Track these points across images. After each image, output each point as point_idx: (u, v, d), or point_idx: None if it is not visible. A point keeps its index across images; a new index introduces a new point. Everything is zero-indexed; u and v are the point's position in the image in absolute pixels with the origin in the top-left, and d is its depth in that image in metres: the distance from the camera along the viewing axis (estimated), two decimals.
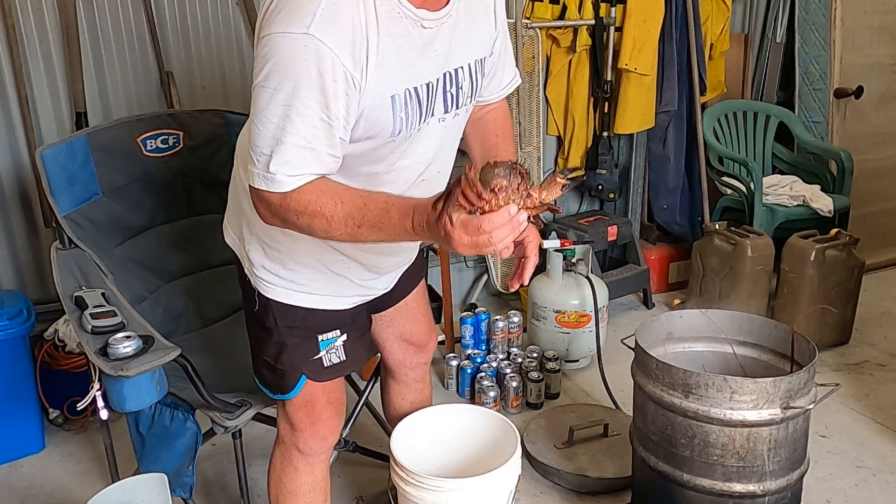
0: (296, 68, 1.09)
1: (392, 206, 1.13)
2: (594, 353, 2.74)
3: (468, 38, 1.31)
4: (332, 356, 1.50)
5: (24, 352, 2.30)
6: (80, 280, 1.68)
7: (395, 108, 1.21)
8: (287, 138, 1.12)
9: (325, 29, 1.09)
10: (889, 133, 3.82)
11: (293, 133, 1.12)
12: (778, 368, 1.87)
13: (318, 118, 1.12)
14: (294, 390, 1.50)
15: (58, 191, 1.77)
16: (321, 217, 1.15)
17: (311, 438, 1.55)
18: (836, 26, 3.58)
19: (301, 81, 1.10)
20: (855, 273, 2.92)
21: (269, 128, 1.13)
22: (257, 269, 1.45)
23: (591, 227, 3.24)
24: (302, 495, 1.59)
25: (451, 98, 1.31)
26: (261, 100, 1.13)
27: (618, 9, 3.21)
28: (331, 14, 1.09)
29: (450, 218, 1.04)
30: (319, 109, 1.12)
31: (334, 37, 1.10)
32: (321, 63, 1.09)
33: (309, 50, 1.09)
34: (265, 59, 1.11)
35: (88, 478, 2.26)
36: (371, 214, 1.14)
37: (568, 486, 2.18)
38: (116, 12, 2.54)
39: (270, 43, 1.11)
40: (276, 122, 1.12)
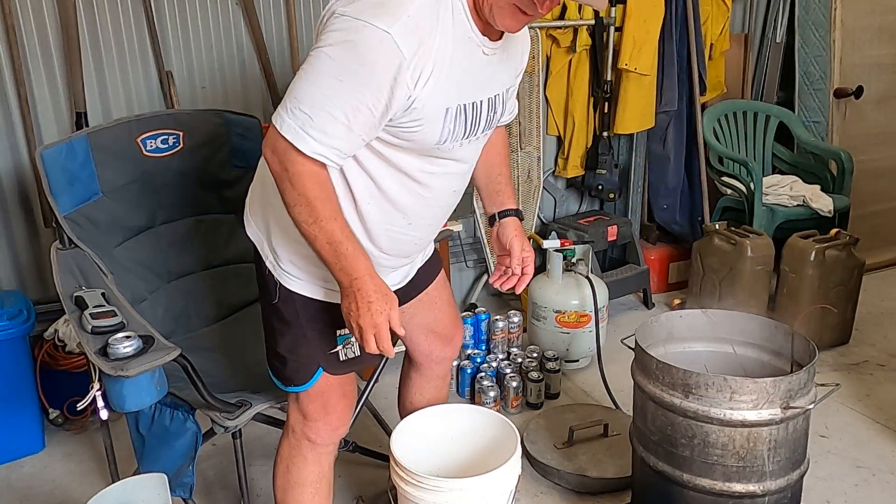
0: (367, 56, 1.18)
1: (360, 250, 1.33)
2: (594, 353, 2.74)
3: (506, 69, 1.45)
4: (347, 351, 1.54)
5: (24, 352, 2.30)
6: (80, 280, 1.68)
7: (447, 120, 1.32)
8: (333, 110, 1.21)
9: (405, 35, 1.18)
10: (889, 133, 3.82)
11: (339, 108, 1.21)
12: (778, 368, 1.87)
13: (365, 105, 1.21)
14: (310, 382, 1.53)
15: (58, 191, 1.77)
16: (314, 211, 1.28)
17: (324, 429, 1.57)
18: (836, 26, 3.58)
19: (365, 68, 1.18)
20: (855, 273, 2.92)
21: (320, 92, 1.21)
22: (283, 263, 1.50)
23: (591, 227, 3.24)
24: (309, 485, 1.60)
25: (487, 120, 1.44)
26: (322, 65, 1.21)
27: (618, 9, 3.21)
28: (414, 23, 1.19)
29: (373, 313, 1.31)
30: (371, 98, 1.21)
31: (409, 45, 1.19)
32: (389, 62, 1.18)
33: (383, 46, 1.17)
34: (341, 35, 1.19)
35: (88, 478, 2.26)
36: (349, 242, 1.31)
37: (568, 486, 2.18)
38: (116, 12, 2.54)
39: (352, 24, 1.18)
40: (328, 91, 1.20)
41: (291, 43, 2.81)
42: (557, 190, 3.59)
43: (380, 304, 1.32)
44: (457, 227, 2.82)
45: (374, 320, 1.32)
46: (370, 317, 1.31)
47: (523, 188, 3.34)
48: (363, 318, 1.32)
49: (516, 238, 1.64)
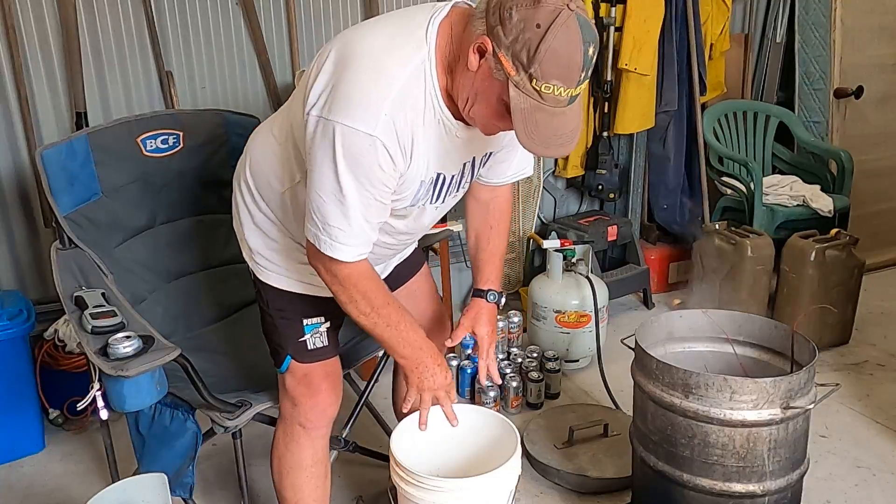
0: (363, 160, 1.26)
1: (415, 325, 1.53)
2: (594, 353, 2.74)
3: (487, 139, 1.43)
4: (315, 340, 1.61)
5: (24, 352, 2.30)
6: (80, 280, 1.68)
7: (420, 191, 1.41)
8: (354, 216, 1.32)
9: (389, 134, 1.25)
10: (889, 133, 3.82)
11: (358, 212, 1.31)
12: (778, 368, 1.87)
13: (375, 199, 1.32)
14: (282, 367, 1.61)
15: (58, 191, 1.77)
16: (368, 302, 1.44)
17: (311, 411, 1.60)
18: (837, 26, 3.58)
19: (364, 171, 1.27)
20: (855, 273, 2.92)
21: (337, 207, 1.31)
22: (255, 256, 1.60)
23: (591, 227, 3.24)
24: (304, 469, 1.62)
25: (457, 184, 1.51)
26: (330, 183, 1.29)
27: (618, 9, 3.20)
28: (391, 120, 1.24)
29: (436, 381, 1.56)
30: (378, 193, 1.31)
31: (394, 141, 1.26)
32: (383, 160, 1.27)
33: (375, 149, 1.25)
34: (335, 150, 1.25)
35: (88, 478, 2.26)
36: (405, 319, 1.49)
37: (568, 486, 2.18)
38: (116, 12, 2.54)
39: (339, 132, 1.24)
40: (343, 203, 1.30)
41: (291, 43, 2.81)
42: (557, 190, 3.59)
43: (440, 374, 1.55)
44: (457, 227, 2.81)
45: (434, 384, 1.54)
46: (432, 381, 1.54)
47: (523, 188, 3.34)
48: (425, 382, 1.54)
49: (465, 317, 1.71)
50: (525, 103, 1.17)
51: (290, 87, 2.81)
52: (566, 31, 1.12)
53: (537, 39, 1.12)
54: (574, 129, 1.23)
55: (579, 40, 1.13)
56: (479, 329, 1.70)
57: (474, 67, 1.20)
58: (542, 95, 1.15)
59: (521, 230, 3.38)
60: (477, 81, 1.22)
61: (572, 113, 1.21)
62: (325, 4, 2.86)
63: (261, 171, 1.53)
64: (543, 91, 1.15)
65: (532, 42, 1.12)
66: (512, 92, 1.17)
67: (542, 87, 1.14)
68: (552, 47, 1.12)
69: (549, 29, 1.11)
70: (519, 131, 1.19)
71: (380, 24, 1.35)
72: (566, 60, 1.13)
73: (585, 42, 1.14)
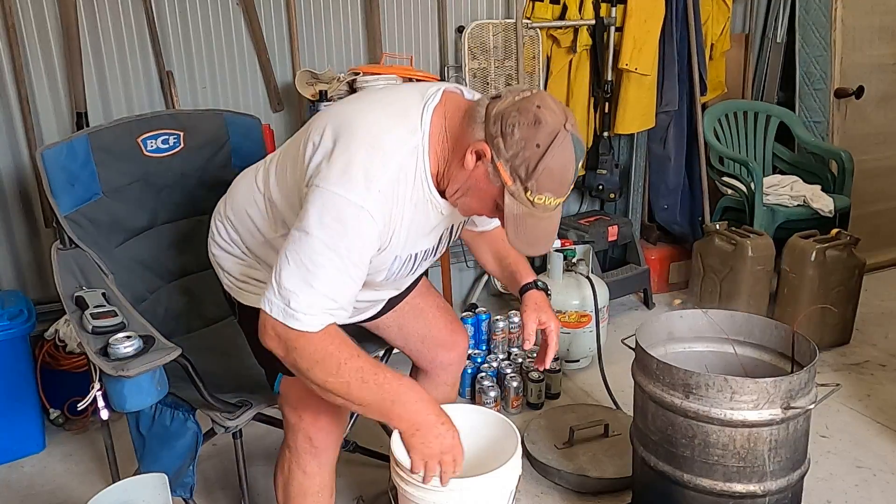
0: (345, 230, 1.24)
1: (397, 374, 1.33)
2: (594, 353, 2.74)
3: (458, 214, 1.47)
4: None
5: (24, 352, 2.30)
6: (81, 280, 1.68)
7: (394, 266, 1.43)
8: (318, 285, 1.25)
9: (378, 208, 1.26)
10: (889, 133, 3.82)
11: (326, 282, 1.25)
12: (778, 368, 1.87)
13: (349, 276, 1.27)
14: (276, 384, 1.56)
15: (58, 191, 1.77)
16: (332, 360, 1.28)
17: (316, 431, 1.54)
18: (837, 26, 3.58)
19: (345, 242, 1.24)
20: (855, 273, 2.92)
21: (304, 270, 1.25)
22: (237, 281, 1.60)
23: (592, 227, 3.24)
24: (310, 495, 1.59)
25: (433, 250, 1.53)
26: (303, 244, 1.25)
27: (618, 9, 3.21)
28: (384, 198, 1.26)
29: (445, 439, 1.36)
30: (353, 268, 1.27)
31: (382, 216, 1.27)
32: (367, 233, 1.26)
33: (360, 220, 1.24)
34: (320, 212, 1.25)
35: (89, 478, 2.26)
36: (382, 374, 1.31)
37: (568, 486, 2.17)
38: (116, 12, 2.54)
39: (329, 199, 1.24)
40: (311, 268, 1.24)
41: (291, 43, 2.81)
42: None
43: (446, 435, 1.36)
44: None
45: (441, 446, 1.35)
46: (437, 445, 1.35)
47: None
48: (429, 448, 1.35)
49: (529, 311, 1.67)
50: (518, 210, 1.26)
51: (290, 87, 2.81)
52: (562, 150, 1.22)
53: (536, 158, 1.21)
54: (556, 229, 1.34)
55: (572, 159, 1.24)
56: (544, 317, 1.67)
57: (470, 167, 1.28)
58: (534, 205, 1.25)
59: None
60: (471, 180, 1.30)
61: (557, 215, 1.32)
62: (325, 4, 2.86)
63: (242, 217, 1.56)
64: (536, 202, 1.25)
65: (531, 160, 1.22)
66: (507, 199, 1.26)
67: (536, 198, 1.24)
68: (549, 166, 1.22)
69: (549, 149, 1.21)
70: (510, 232, 1.29)
71: (376, 103, 1.39)
72: (560, 177, 1.24)
73: (577, 159, 1.25)
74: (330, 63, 2.90)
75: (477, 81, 3.12)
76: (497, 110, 1.25)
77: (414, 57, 3.00)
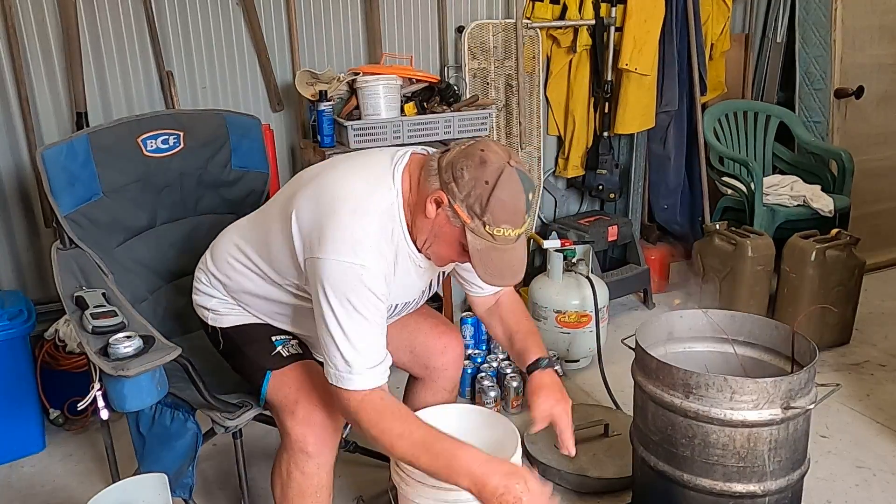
0: (355, 290, 1.37)
1: (461, 448, 1.36)
2: (594, 353, 2.74)
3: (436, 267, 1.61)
4: (288, 349, 1.64)
5: (24, 352, 2.30)
6: (81, 280, 1.68)
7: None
8: (359, 343, 1.39)
9: (374, 260, 1.39)
10: (889, 133, 3.82)
11: (363, 338, 1.39)
12: (778, 368, 1.87)
13: (376, 324, 1.41)
14: (263, 388, 1.59)
15: (59, 191, 1.77)
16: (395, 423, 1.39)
17: (308, 432, 1.54)
18: (837, 26, 3.58)
19: (358, 300, 1.37)
20: (855, 273, 2.92)
21: (344, 337, 1.38)
22: (215, 312, 1.70)
23: (592, 227, 3.24)
24: (308, 496, 1.59)
25: (416, 302, 1.68)
26: (328, 317, 1.38)
27: (618, 9, 3.21)
28: (377, 249, 1.40)
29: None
30: (375, 318, 1.40)
31: (380, 266, 1.40)
32: (372, 284, 1.38)
33: (361, 277, 1.36)
34: (323, 282, 1.38)
35: (89, 478, 2.26)
36: (440, 445, 1.37)
37: (568, 486, 2.17)
38: (116, 12, 2.54)
39: (328, 266, 1.37)
40: (347, 331, 1.38)
41: (291, 43, 2.81)
42: (558, 190, 3.59)
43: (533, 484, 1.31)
44: None
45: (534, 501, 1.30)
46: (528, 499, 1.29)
47: None
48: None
49: (534, 399, 1.65)
50: (481, 245, 1.38)
51: (290, 87, 2.81)
52: (510, 183, 1.35)
53: (487, 193, 1.34)
54: (522, 260, 1.44)
55: (520, 190, 1.36)
56: (547, 407, 1.63)
57: (432, 216, 1.41)
58: (494, 237, 1.37)
59: None
60: (435, 227, 1.42)
61: (521, 247, 1.43)
62: (325, 4, 2.86)
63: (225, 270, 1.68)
64: (496, 234, 1.36)
65: (483, 196, 1.34)
66: (469, 237, 1.38)
67: (495, 230, 1.36)
68: (500, 198, 1.34)
69: (497, 184, 1.34)
70: (477, 267, 1.40)
71: (350, 169, 1.50)
72: (512, 207, 1.36)
73: (526, 191, 1.37)
74: (330, 63, 2.90)
75: (477, 81, 3.12)
76: (447, 160, 1.39)
77: (414, 57, 3.00)
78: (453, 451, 1.35)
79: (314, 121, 2.54)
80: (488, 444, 1.75)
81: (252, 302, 1.67)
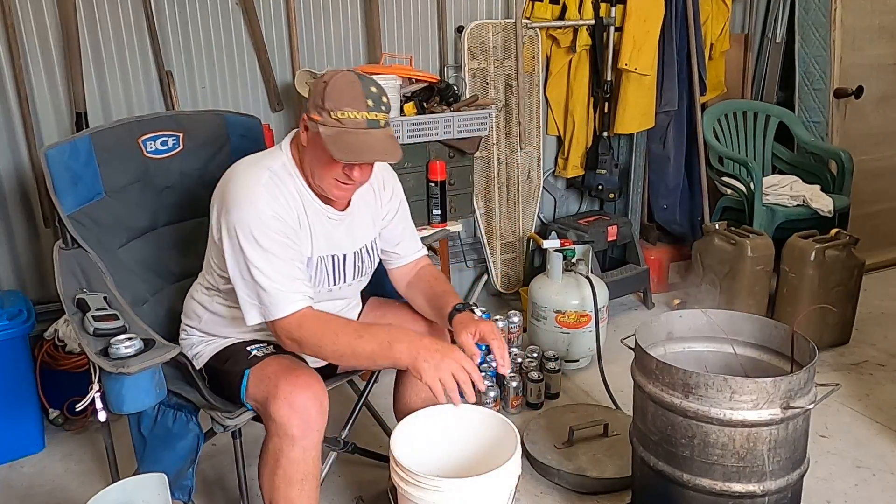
0: (258, 226, 1.52)
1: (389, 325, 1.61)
2: (594, 353, 2.74)
3: (367, 220, 1.79)
4: (264, 350, 1.72)
5: (24, 352, 2.30)
6: (82, 281, 1.68)
7: (310, 267, 1.65)
8: (275, 274, 1.53)
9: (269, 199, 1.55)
10: (889, 133, 3.83)
11: (277, 269, 1.54)
12: (778, 368, 1.87)
13: (286, 256, 1.55)
14: (242, 385, 1.63)
15: (61, 190, 1.77)
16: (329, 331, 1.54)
17: (291, 416, 1.54)
18: (836, 26, 3.58)
19: (264, 234, 1.53)
20: (855, 273, 2.92)
21: (260, 272, 1.53)
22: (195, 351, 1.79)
23: (591, 227, 3.24)
24: (295, 483, 1.59)
25: (358, 270, 1.78)
26: (240, 260, 1.55)
27: (618, 9, 3.21)
28: (270, 192, 1.56)
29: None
30: (283, 251, 1.55)
31: (276, 203, 1.56)
32: (272, 223, 1.53)
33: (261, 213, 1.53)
34: (232, 230, 1.53)
35: (88, 478, 2.26)
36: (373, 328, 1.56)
37: (568, 486, 2.18)
38: (116, 12, 2.54)
39: (235, 221, 1.53)
40: (262, 267, 1.53)
41: (291, 43, 2.81)
42: (557, 190, 3.59)
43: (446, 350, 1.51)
44: (457, 227, 2.82)
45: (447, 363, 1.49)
46: (439, 360, 1.50)
47: (523, 188, 3.34)
48: (439, 367, 1.49)
49: (458, 333, 1.72)
50: (331, 132, 1.51)
51: (289, 86, 2.81)
52: (342, 76, 1.54)
53: (324, 88, 1.52)
54: (386, 147, 1.54)
55: (356, 79, 1.52)
56: (474, 329, 1.70)
57: (305, 142, 1.58)
58: (341, 121, 1.50)
59: (521, 230, 3.38)
60: (309, 149, 1.58)
61: (380, 135, 1.54)
62: (325, 4, 2.86)
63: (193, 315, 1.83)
64: (341, 118, 1.50)
65: (321, 90, 1.52)
66: (321, 129, 1.52)
67: (339, 114, 1.50)
68: (335, 87, 1.51)
69: (331, 79, 1.53)
70: (332, 150, 1.50)
71: (241, 161, 1.67)
72: (349, 90, 1.51)
73: (363, 81, 1.52)
74: (330, 63, 2.90)
75: (476, 81, 3.13)
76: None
77: (414, 57, 3.00)
78: (385, 328, 1.59)
79: None
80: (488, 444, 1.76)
81: (225, 329, 1.78)
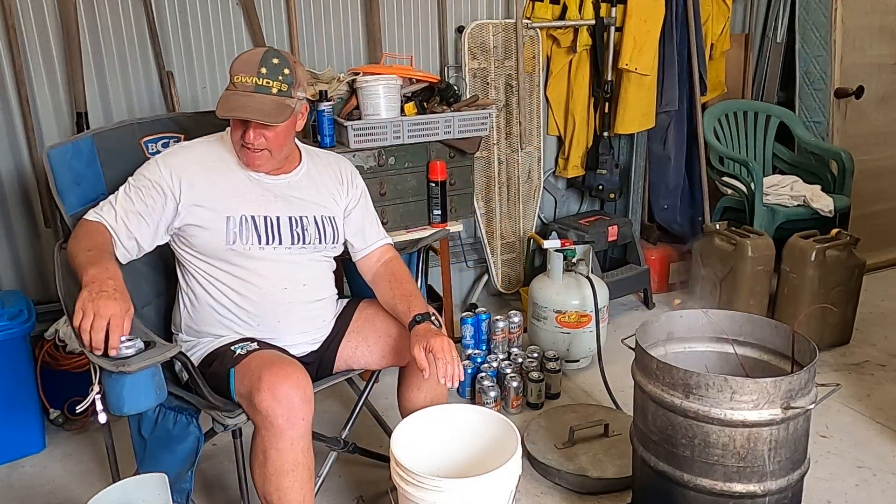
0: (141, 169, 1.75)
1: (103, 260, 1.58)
2: (594, 353, 2.74)
3: (316, 196, 1.87)
4: (246, 348, 1.73)
5: (24, 352, 2.30)
6: None
7: (230, 225, 1.73)
8: (112, 197, 1.73)
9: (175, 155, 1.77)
10: (889, 133, 3.82)
11: (116, 195, 1.73)
12: (778, 368, 1.87)
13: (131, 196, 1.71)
14: (230, 380, 1.65)
15: (64, 190, 1.77)
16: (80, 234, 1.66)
17: (276, 406, 1.54)
18: (837, 26, 3.58)
19: (137, 175, 1.74)
20: (855, 273, 2.92)
21: (121, 188, 1.74)
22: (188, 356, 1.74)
23: (592, 227, 3.24)
24: (286, 473, 1.59)
25: (297, 236, 1.82)
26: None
27: (618, 9, 3.21)
28: (186, 151, 1.80)
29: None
30: (134, 193, 1.72)
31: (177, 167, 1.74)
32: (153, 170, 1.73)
33: (154, 164, 1.75)
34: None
35: (89, 478, 2.26)
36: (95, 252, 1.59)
37: (568, 486, 2.18)
38: (116, 12, 2.54)
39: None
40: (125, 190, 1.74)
41: (291, 43, 2.81)
42: (558, 190, 3.59)
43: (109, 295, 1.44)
44: (457, 228, 2.82)
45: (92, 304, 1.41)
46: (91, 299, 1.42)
47: (523, 188, 3.34)
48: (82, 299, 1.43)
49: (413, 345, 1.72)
50: (225, 93, 1.70)
51: None
52: (250, 50, 1.77)
53: (234, 58, 1.74)
54: (262, 109, 1.67)
55: (261, 51, 1.71)
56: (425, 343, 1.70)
57: None
58: (234, 84, 1.69)
59: (521, 230, 3.38)
60: None
61: (265, 99, 1.68)
62: (325, 4, 2.86)
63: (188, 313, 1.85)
64: (235, 81, 1.69)
65: (232, 61, 1.74)
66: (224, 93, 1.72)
67: (234, 78, 1.69)
68: (241, 57, 1.73)
69: (242, 53, 1.75)
70: (218, 109, 1.68)
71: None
72: (246, 60, 1.71)
73: (268, 53, 1.70)
74: (330, 63, 2.90)
75: (477, 81, 3.13)
76: None
77: (414, 57, 3.00)
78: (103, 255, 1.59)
79: (314, 121, 2.54)
80: (489, 444, 1.76)
81: (202, 322, 1.81)
